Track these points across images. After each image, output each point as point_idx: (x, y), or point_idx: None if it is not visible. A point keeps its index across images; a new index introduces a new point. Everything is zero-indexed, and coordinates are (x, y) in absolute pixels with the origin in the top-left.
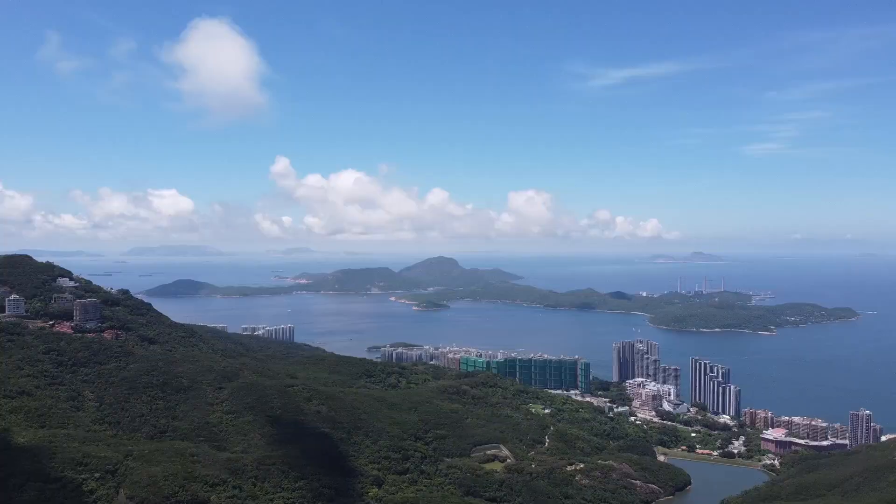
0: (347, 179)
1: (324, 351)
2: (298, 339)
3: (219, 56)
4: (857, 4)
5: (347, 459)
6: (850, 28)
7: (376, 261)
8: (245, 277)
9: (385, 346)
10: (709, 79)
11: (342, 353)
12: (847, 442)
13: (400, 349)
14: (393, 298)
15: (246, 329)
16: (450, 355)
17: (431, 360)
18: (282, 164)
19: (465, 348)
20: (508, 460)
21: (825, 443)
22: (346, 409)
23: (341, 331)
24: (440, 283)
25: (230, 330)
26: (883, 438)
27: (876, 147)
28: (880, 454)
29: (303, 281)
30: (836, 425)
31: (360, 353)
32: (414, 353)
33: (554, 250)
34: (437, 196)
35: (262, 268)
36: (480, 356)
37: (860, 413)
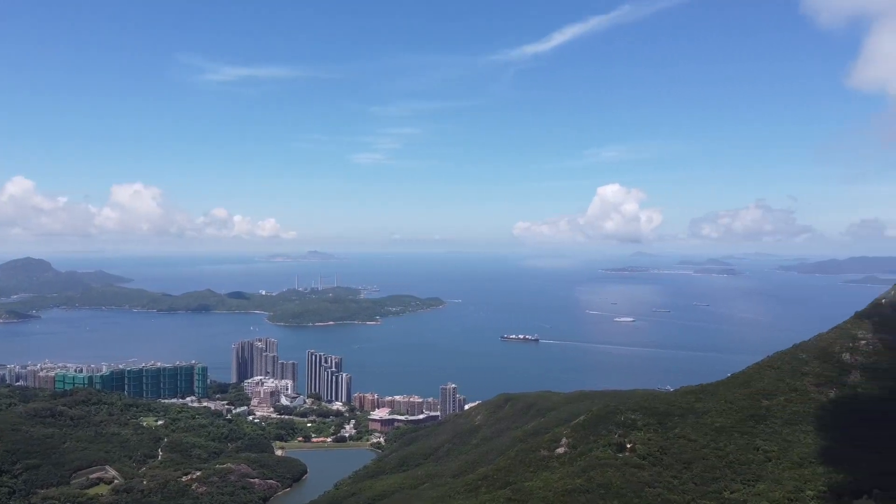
0: None
1: None
2: None
3: None
4: (443, 36)
5: None
6: (439, 55)
7: None
8: None
9: None
10: (324, 87)
11: None
12: (439, 413)
13: None
14: None
15: None
16: (41, 373)
17: (18, 381)
18: None
19: (60, 364)
20: (116, 481)
21: (421, 416)
22: None
23: None
24: (27, 290)
25: None
26: (466, 407)
27: (458, 161)
28: (464, 421)
29: None
30: (430, 399)
31: None
32: None
33: (168, 249)
34: (18, 186)
35: None
36: (81, 371)
37: (448, 387)
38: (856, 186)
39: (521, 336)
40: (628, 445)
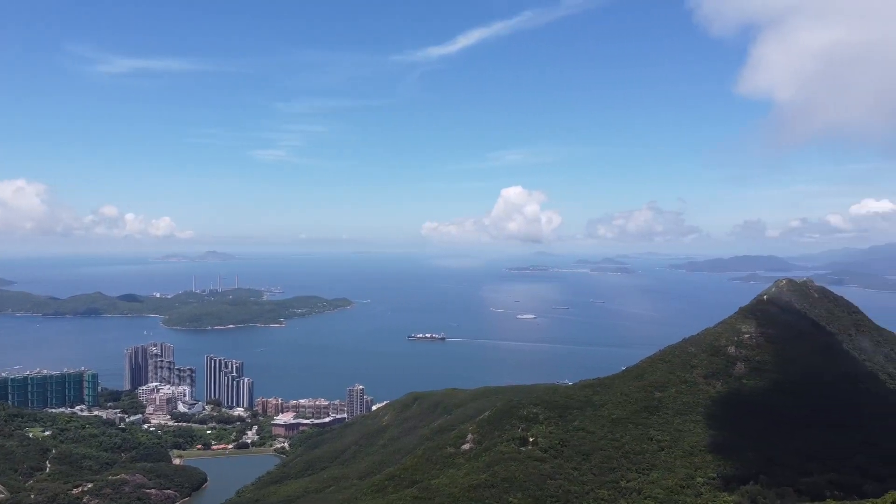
0: None
1: None
2: None
3: None
4: (349, 34)
5: None
6: (346, 53)
7: None
8: None
9: None
10: (224, 81)
11: None
12: (346, 415)
13: None
14: None
15: None
16: None
17: None
18: None
19: None
20: (1, 496)
21: (328, 419)
22: None
23: None
24: None
25: None
26: (374, 408)
27: (365, 160)
28: (371, 422)
29: None
30: (337, 402)
31: None
32: None
33: (54, 250)
34: None
35: None
36: None
37: (355, 388)
38: (740, 189)
39: (428, 335)
40: (531, 439)
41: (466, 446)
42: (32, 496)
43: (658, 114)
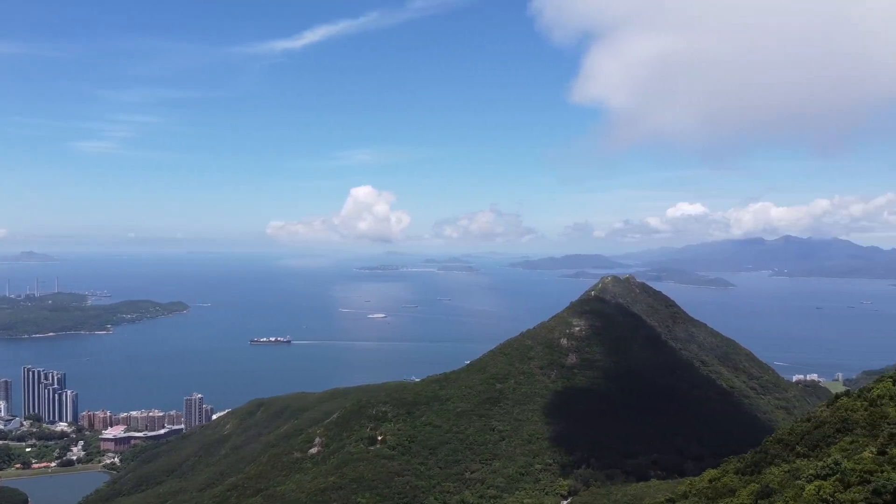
0: None
1: None
2: None
3: None
4: (184, 21)
5: None
6: (181, 41)
7: None
8: None
9: None
10: (40, 66)
11: None
12: (183, 426)
13: None
14: None
15: None
16: None
17: None
18: None
19: None
20: None
21: (163, 431)
22: None
23: None
24: None
25: None
26: (214, 417)
27: (203, 154)
28: (212, 432)
29: None
30: (173, 412)
31: None
32: None
33: None
34: None
35: None
36: None
37: (193, 397)
38: (572, 193)
39: (272, 339)
40: (379, 438)
41: (314, 450)
42: None
43: (500, 118)
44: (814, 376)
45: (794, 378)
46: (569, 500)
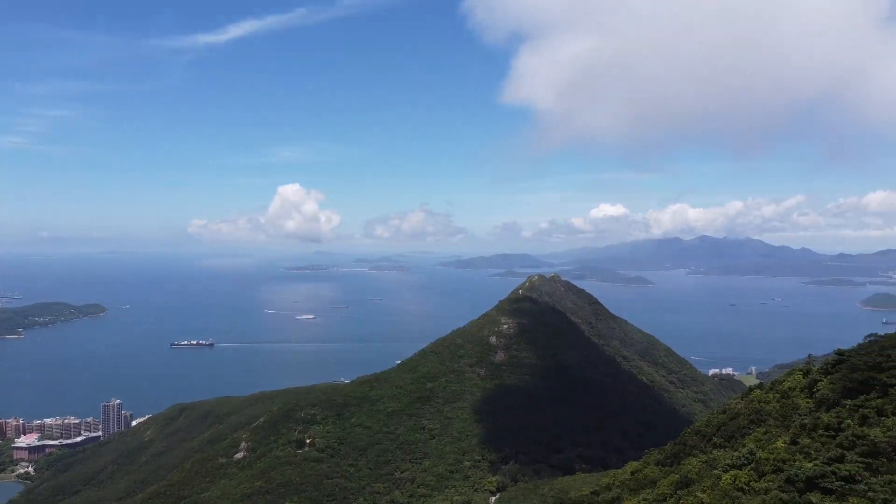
0: None
1: None
2: None
3: None
4: (98, 11)
5: None
6: (97, 32)
7: None
8: None
9: None
10: None
11: None
12: (101, 434)
13: None
14: None
15: None
16: None
17: None
18: None
19: None
20: None
21: (79, 438)
22: None
23: None
24: None
25: None
26: (134, 423)
27: (121, 150)
28: (132, 439)
29: None
30: (90, 419)
31: None
32: None
33: None
34: None
35: None
36: None
37: (111, 403)
38: (501, 193)
39: (194, 342)
40: (308, 441)
41: (240, 455)
42: None
43: (431, 116)
44: (729, 370)
45: (711, 372)
46: (497, 495)
